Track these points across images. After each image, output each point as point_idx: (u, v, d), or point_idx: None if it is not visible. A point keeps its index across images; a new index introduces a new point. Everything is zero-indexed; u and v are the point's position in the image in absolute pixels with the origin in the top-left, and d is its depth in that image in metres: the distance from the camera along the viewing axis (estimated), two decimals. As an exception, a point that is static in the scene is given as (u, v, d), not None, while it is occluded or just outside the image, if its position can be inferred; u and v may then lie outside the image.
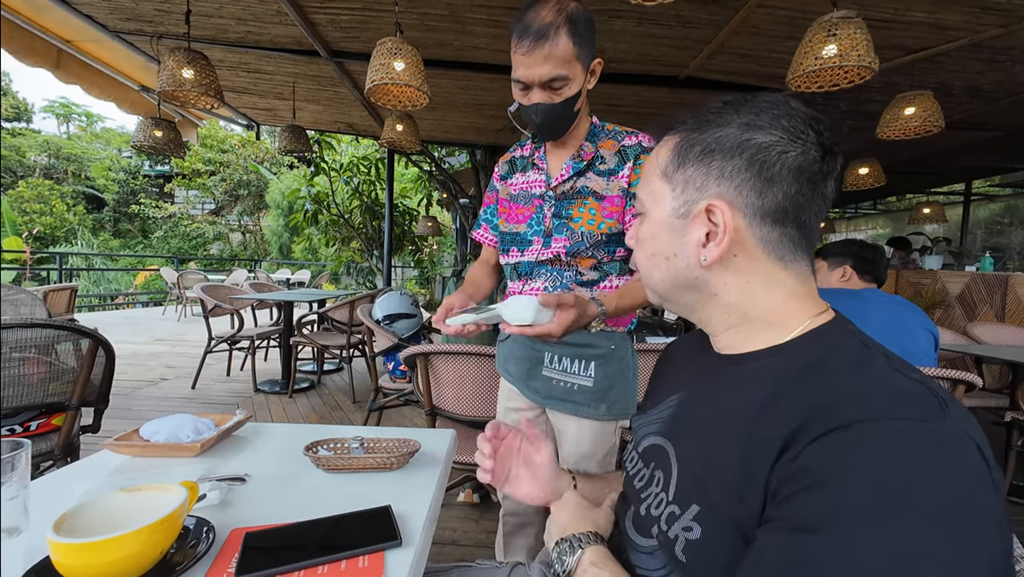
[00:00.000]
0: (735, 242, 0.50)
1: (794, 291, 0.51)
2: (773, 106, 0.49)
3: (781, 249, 0.50)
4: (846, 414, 0.39)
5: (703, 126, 0.51)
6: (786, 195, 0.48)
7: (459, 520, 2.04)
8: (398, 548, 0.60)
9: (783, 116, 0.48)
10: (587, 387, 1.10)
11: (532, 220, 1.13)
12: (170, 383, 3.95)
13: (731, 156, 0.49)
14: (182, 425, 0.89)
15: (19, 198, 13.84)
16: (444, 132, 5.46)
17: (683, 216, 0.52)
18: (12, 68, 34.48)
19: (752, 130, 0.48)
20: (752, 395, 0.48)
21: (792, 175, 0.47)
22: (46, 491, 0.72)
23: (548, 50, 0.93)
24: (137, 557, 0.50)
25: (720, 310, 0.54)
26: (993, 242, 8.90)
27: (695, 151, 0.51)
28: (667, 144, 0.55)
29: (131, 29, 3.14)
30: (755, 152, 0.48)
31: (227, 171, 15.00)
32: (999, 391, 2.76)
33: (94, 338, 1.60)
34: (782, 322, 0.51)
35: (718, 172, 0.50)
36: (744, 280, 0.51)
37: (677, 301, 0.57)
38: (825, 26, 1.92)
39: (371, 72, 2.20)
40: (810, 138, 0.48)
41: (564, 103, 0.99)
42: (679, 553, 0.48)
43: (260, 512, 0.68)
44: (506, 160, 1.24)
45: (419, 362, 1.75)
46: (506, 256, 1.20)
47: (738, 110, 0.50)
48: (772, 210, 0.48)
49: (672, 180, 0.53)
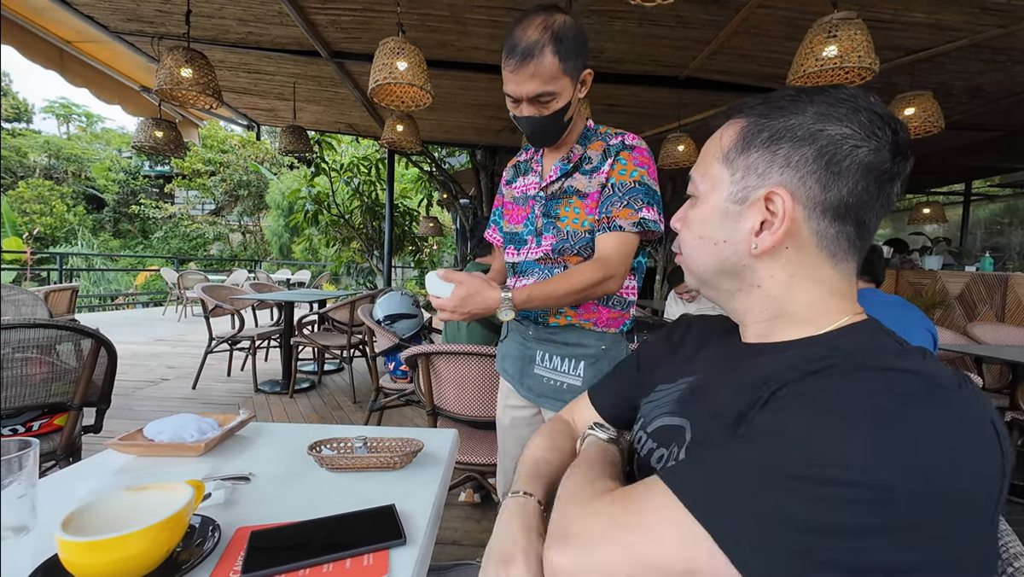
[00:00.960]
0: (790, 233, 0.49)
1: (835, 290, 0.51)
2: (851, 99, 0.48)
3: (835, 246, 0.49)
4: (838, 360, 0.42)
5: (774, 112, 0.50)
6: (851, 191, 0.47)
7: (460, 520, 2.05)
8: (402, 546, 0.60)
9: (861, 110, 0.47)
10: (576, 386, 1.12)
11: (527, 220, 1.18)
12: (171, 383, 3.95)
13: (800, 145, 0.47)
14: (186, 425, 0.89)
15: (19, 198, 13.83)
16: (444, 132, 5.47)
17: (740, 201, 0.51)
18: (12, 69, 34.52)
19: (826, 120, 0.47)
20: (768, 369, 0.48)
21: (861, 172, 0.46)
22: (52, 490, 0.72)
23: (533, 69, 0.96)
24: (144, 555, 0.51)
25: (759, 302, 0.53)
26: (993, 242, 8.90)
27: (762, 136, 0.50)
28: (732, 127, 0.53)
29: (132, 30, 3.14)
30: (826, 143, 0.47)
31: (227, 171, 14.99)
32: (999, 391, 2.76)
33: (96, 338, 1.61)
34: (817, 320, 0.51)
35: (784, 160, 0.48)
36: (789, 274, 0.50)
37: (716, 287, 0.56)
38: (825, 27, 1.93)
39: (374, 72, 2.20)
40: (885, 136, 0.46)
41: (553, 115, 1.02)
42: None
43: (265, 511, 0.68)
44: (512, 164, 1.29)
45: (420, 362, 1.75)
46: (507, 255, 1.25)
47: (813, 99, 0.49)
48: (834, 205, 0.47)
49: (733, 165, 0.52)
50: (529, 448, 0.70)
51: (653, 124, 4.50)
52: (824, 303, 0.50)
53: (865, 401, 0.37)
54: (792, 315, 0.51)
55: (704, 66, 3.28)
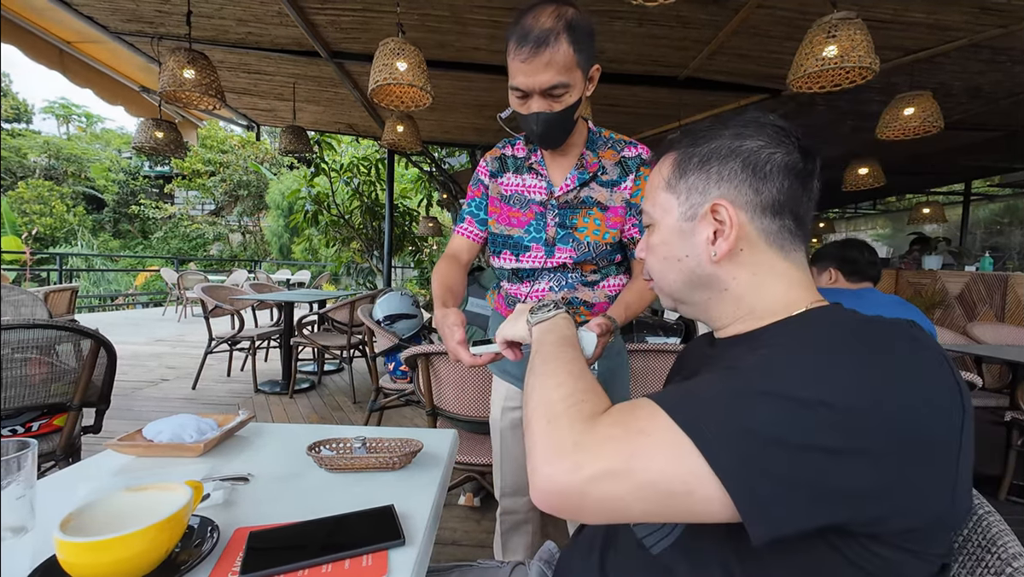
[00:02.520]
0: (740, 236, 0.55)
1: (796, 281, 0.57)
2: (756, 119, 0.57)
3: (781, 239, 0.56)
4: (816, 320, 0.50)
5: (697, 140, 0.58)
6: (780, 189, 0.54)
7: (459, 520, 2.05)
8: (401, 547, 0.60)
9: (766, 125, 0.56)
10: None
11: (531, 226, 1.12)
12: (171, 384, 3.95)
13: (727, 161, 0.56)
14: (185, 425, 0.89)
15: (19, 199, 13.83)
16: (444, 133, 5.47)
17: (690, 219, 0.58)
18: (12, 69, 34.48)
19: (742, 138, 0.56)
20: (742, 349, 0.54)
21: (782, 172, 0.54)
22: (51, 491, 0.72)
23: (549, 57, 0.91)
24: (143, 556, 0.51)
25: (731, 305, 0.59)
26: (993, 242, 8.90)
27: (694, 161, 0.58)
28: (667, 160, 0.61)
29: (132, 30, 3.14)
30: (747, 155, 0.55)
31: (227, 172, 14.99)
32: (999, 391, 2.76)
33: (96, 339, 1.61)
34: (785, 309, 0.56)
35: (717, 176, 0.56)
36: (751, 272, 0.57)
37: (690, 301, 0.62)
38: (825, 27, 1.92)
39: (374, 73, 2.20)
40: (791, 142, 0.55)
41: (564, 111, 0.98)
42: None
43: (263, 512, 0.68)
44: (495, 156, 1.19)
45: (420, 362, 1.75)
46: (498, 259, 1.18)
47: (726, 124, 0.58)
48: (770, 204, 0.55)
49: (676, 190, 0.59)
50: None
51: (653, 124, 4.50)
52: (788, 294, 0.57)
53: (838, 338, 0.45)
54: (763, 309, 0.57)
55: (704, 66, 3.27)
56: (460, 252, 1.20)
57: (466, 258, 1.21)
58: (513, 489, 1.31)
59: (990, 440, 2.53)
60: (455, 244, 1.21)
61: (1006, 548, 0.48)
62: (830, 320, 0.52)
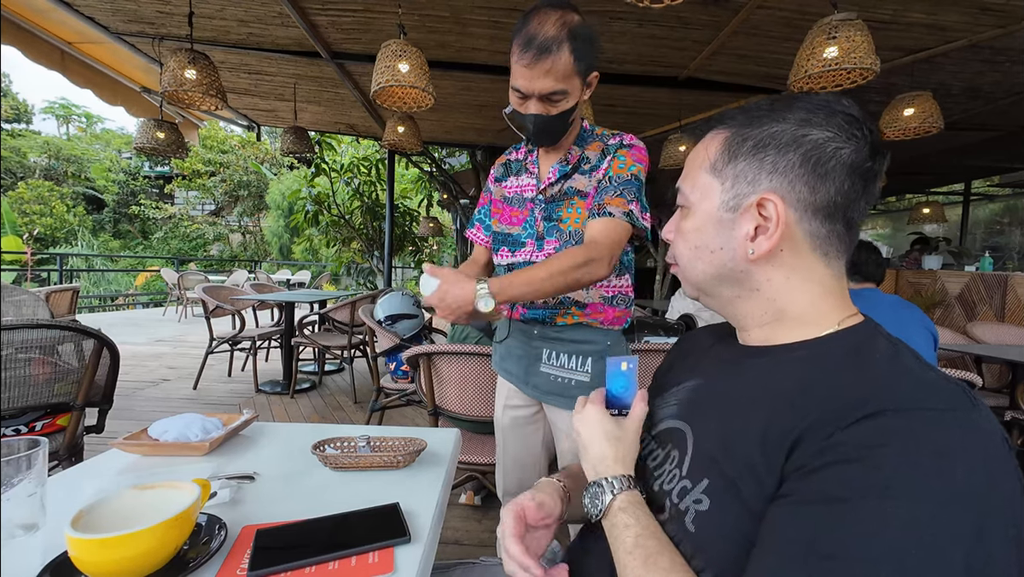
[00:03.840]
0: (784, 236, 0.50)
1: (830, 289, 0.52)
2: (827, 104, 0.50)
3: (827, 245, 0.51)
4: (880, 403, 0.40)
5: (754, 122, 0.52)
6: (839, 191, 0.49)
7: (461, 519, 2.05)
8: (407, 544, 0.60)
9: (837, 113, 0.49)
10: (584, 382, 1.12)
11: (526, 223, 1.16)
12: (172, 384, 3.96)
13: (786, 151, 0.50)
14: (191, 424, 0.90)
15: (19, 199, 13.82)
16: (445, 133, 5.47)
17: (732, 210, 0.53)
18: (12, 69, 34.47)
19: (808, 126, 0.49)
20: (780, 382, 0.49)
21: (845, 171, 0.48)
22: (59, 489, 0.73)
23: (550, 64, 0.94)
24: (153, 553, 0.51)
25: (759, 306, 0.54)
26: (992, 242, 8.91)
27: (747, 145, 0.52)
28: (716, 139, 0.55)
29: (133, 31, 3.15)
30: (810, 148, 0.49)
31: (227, 172, 14.99)
32: (999, 391, 2.77)
33: (99, 339, 1.61)
34: (816, 321, 0.52)
35: (771, 167, 0.50)
36: (785, 276, 0.52)
37: (716, 295, 0.57)
38: (825, 28, 1.93)
39: (376, 75, 2.21)
40: (863, 136, 0.49)
41: (560, 115, 1.01)
42: (689, 524, 0.49)
43: (270, 509, 0.69)
44: (501, 163, 1.27)
45: (422, 362, 1.76)
46: (497, 256, 1.23)
47: (791, 106, 0.51)
48: (824, 205, 0.49)
49: (722, 175, 0.53)
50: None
51: (653, 124, 4.51)
52: (821, 302, 0.52)
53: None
54: (793, 317, 0.53)
55: (704, 66, 3.28)
56: (479, 256, 1.32)
57: (483, 260, 1.31)
58: (515, 487, 1.31)
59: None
60: (475, 250, 1.34)
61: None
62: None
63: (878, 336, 0.50)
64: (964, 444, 0.38)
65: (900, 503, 0.36)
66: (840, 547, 0.37)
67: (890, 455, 0.38)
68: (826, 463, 0.40)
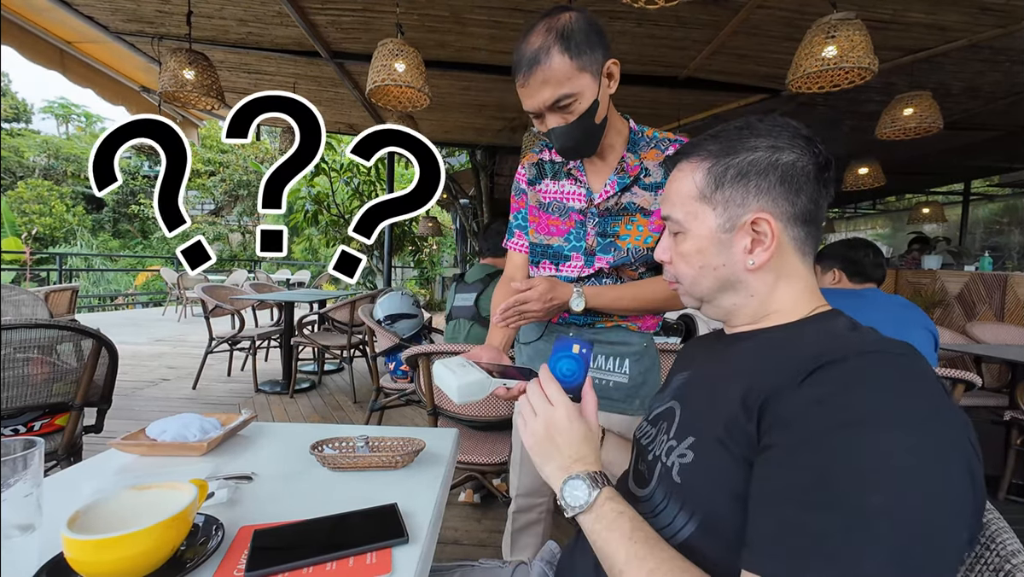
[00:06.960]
0: (777, 245, 0.58)
1: (807, 284, 0.61)
2: (786, 127, 0.59)
3: (806, 245, 0.60)
4: (835, 354, 0.47)
5: (730, 151, 0.59)
6: (811, 199, 0.58)
7: (460, 520, 2.05)
8: (405, 545, 0.60)
9: (797, 136, 0.58)
10: (623, 383, 1.12)
11: (571, 235, 1.09)
12: (171, 384, 3.95)
13: (765, 175, 0.57)
14: (189, 424, 0.89)
15: (18, 199, 13.80)
16: (444, 132, 5.47)
17: (728, 230, 0.60)
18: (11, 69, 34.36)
19: (778, 151, 0.58)
20: (758, 357, 0.57)
21: (812, 182, 0.57)
22: (56, 489, 0.72)
23: (542, 75, 0.90)
24: (149, 553, 0.51)
25: (752, 307, 0.62)
26: (992, 242, 8.92)
27: (731, 173, 0.59)
28: (698, 169, 0.61)
29: (132, 30, 3.15)
30: (785, 169, 0.57)
31: (227, 171, 14.98)
32: (998, 390, 2.77)
33: (97, 338, 1.61)
34: (795, 311, 0.60)
35: (756, 189, 0.58)
36: (775, 277, 0.60)
37: (717, 304, 0.64)
38: (824, 28, 1.93)
39: (372, 73, 2.21)
40: (818, 151, 0.58)
41: (579, 120, 0.94)
42: (675, 476, 0.55)
43: (267, 510, 0.69)
44: (532, 162, 1.17)
45: (421, 362, 1.75)
46: (536, 269, 1.15)
47: (758, 133, 0.59)
48: (802, 213, 0.58)
49: (712, 201, 0.60)
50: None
51: (653, 124, 4.42)
52: (801, 296, 0.60)
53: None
54: (775, 311, 0.61)
55: (704, 66, 3.28)
56: (515, 272, 1.22)
57: (521, 275, 1.21)
58: (528, 490, 1.30)
59: (989, 439, 2.54)
60: (512, 263, 1.23)
61: (1005, 545, 0.49)
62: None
63: (841, 317, 0.58)
64: (918, 377, 0.45)
65: (868, 431, 0.41)
66: (825, 483, 0.42)
67: (853, 392, 0.44)
68: (802, 410, 0.45)
